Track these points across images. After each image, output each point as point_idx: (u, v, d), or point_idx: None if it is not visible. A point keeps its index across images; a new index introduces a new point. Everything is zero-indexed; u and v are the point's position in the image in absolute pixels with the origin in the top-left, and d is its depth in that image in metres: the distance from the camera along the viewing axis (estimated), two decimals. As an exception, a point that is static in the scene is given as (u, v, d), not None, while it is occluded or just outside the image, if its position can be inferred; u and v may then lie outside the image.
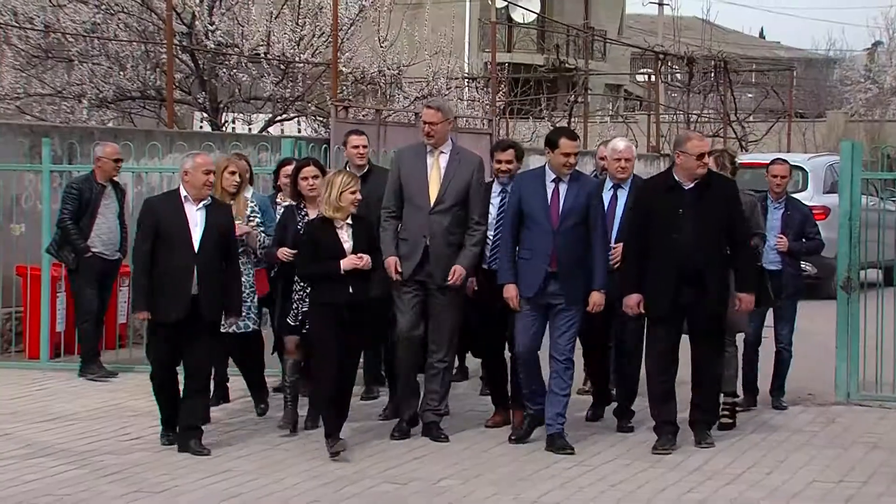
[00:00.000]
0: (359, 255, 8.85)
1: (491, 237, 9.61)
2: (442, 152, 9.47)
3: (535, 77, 36.14)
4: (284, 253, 9.48)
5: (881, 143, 24.99)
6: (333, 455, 8.70)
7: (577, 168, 9.27)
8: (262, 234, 10.05)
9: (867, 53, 56.41)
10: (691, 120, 30.49)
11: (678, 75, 36.65)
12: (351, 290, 8.84)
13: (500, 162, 9.87)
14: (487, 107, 25.56)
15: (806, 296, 10.06)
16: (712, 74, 31.71)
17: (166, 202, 9.14)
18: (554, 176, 9.09)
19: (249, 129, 21.74)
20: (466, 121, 23.91)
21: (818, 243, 10.75)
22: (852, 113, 44.48)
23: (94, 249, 11.83)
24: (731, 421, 9.83)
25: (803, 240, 10.56)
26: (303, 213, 9.61)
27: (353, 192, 8.89)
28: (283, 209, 10.04)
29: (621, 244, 9.29)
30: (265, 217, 10.17)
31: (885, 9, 70.64)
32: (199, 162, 9.07)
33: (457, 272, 9.27)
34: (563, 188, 9.06)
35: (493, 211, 9.69)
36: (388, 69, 23.28)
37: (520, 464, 8.74)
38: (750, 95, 40.94)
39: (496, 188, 9.84)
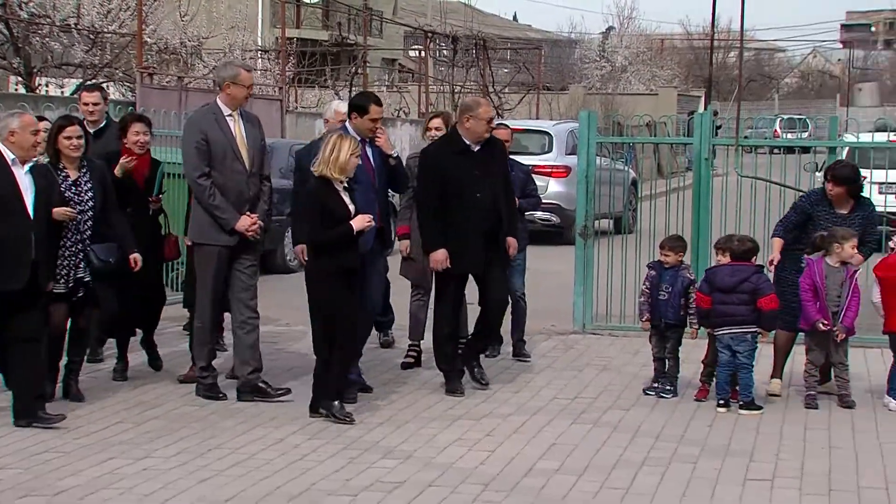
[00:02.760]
0: (362, 215, 7.84)
1: None
2: (239, 115, 8.36)
3: (321, 51, 35.81)
4: (63, 213, 7.87)
5: (613, 113, 25.60)
6: (346, 418, 7.74)
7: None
8: None
9: (602, 36, 57.76)
10: (455, 91, 30.66)
11: (445, 52, 36.83)
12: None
13: None
14: (278, 76, 25.28)
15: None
16: (473, 52, 31.98)
17: None
18: (359, 139, 8.33)
19: (62, 93, 20.99)
20: (259, 88, 23.62)
21: (538, 199, 10.32)
22: (590, 87, 45.54)
23: None
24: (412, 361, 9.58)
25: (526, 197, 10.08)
26: (63, 174, 8.10)
27: (358, 157, 7.90)
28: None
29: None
30: None
31: (617, -1, 72.47)
32: (27, 121, 7.58)
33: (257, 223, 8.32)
34: (368, 150, 8.45)
35: None
36: (189, 41, 22.84)
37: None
38: (505, 70, 41.49)
39: None
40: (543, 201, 11.58)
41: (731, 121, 13.27)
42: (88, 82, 9.43)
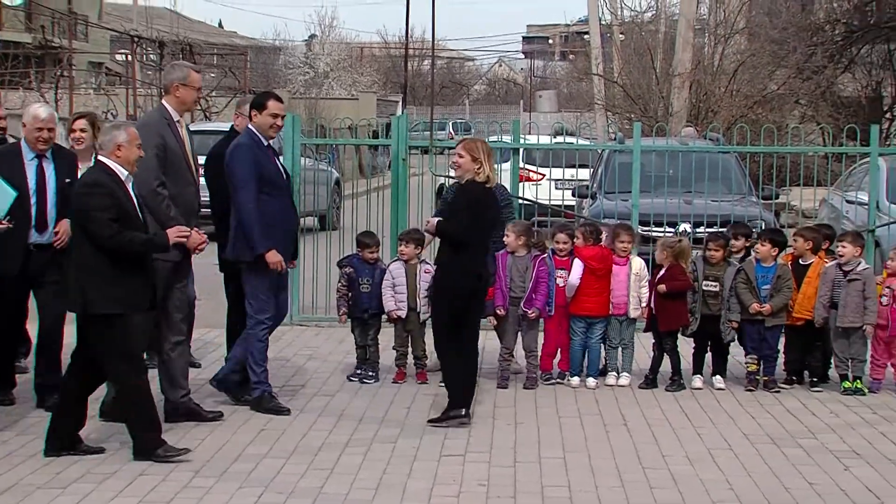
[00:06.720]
0: None
1: None
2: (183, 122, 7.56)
3: (24, 53, 34.21)
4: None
5: (316, 116, 25.67)
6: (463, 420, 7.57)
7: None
8: None
9: (305, 44, 57.93)
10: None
11: (152, 56, 35.95)
12: None
13: None
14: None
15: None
16: (180, 56, 31.38)
17: (116, 185, 6.71)
18: (264, 140, 7.75)
19: None
20: (-40, 89, 22.40)
21: None
22: (294, 91, 45.57)
23: None
24: None
25: None
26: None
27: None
28: None
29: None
30: None
31: (318, 8, 72.81)
32: (133, 134, 6.79)
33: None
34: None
35: None
36: None
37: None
38: (212, 75, 40.81)
39: None
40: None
41: (424, 124, 13.60)
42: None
